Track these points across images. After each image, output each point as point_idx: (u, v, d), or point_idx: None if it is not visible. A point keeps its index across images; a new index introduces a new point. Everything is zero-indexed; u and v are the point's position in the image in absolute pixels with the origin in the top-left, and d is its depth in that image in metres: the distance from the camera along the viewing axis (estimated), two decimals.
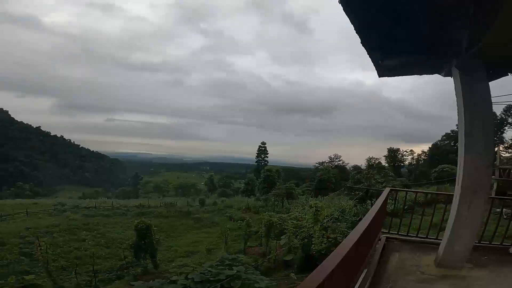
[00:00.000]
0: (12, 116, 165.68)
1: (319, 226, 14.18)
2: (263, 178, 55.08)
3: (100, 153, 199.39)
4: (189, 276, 8.64)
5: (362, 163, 66.28)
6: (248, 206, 39.46)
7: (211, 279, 8.48)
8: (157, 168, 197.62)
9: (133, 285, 8.69)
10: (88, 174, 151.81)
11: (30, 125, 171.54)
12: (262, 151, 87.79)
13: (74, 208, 36.66)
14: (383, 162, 61.94)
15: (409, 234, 5.99)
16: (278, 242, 16.64)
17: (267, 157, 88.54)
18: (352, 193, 38.56)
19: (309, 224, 15.16)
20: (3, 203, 42.90)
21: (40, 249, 12.96)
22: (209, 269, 9.31)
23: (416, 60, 4.11)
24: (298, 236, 15.19)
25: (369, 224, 3.66)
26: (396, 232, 6.11)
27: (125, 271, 15.63)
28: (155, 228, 27.76)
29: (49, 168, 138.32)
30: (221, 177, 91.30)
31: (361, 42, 3.20)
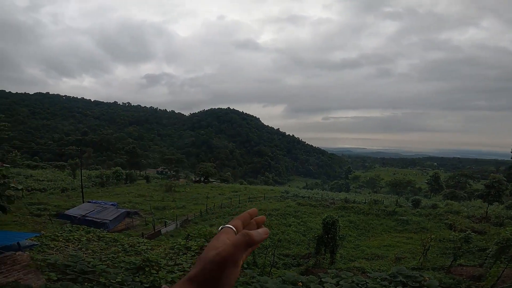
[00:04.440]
0: (262, 121, 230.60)
1: None
2: None
3: (320, 149, 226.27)
4: (340, 282, 7.82)
5: None
6: (487, 215, 28.50)
7: None
8: (372, 163, 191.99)
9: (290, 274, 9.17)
10: (311, 167, 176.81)
11: (273, 127, 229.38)
12: None
13: (293, 196, 43.69)
14: None
15: None
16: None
17: None
18: None
19: None
20: (255, 188, 60.08)
21: None
22: (368, 281, 7.87)
23: None
24: None
25: None
26: None
27: (304, 260, 16.84)
28: (350, 224, 27.70)
29: (285, 161, 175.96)
30: (452, 175, 72.58)
31: None
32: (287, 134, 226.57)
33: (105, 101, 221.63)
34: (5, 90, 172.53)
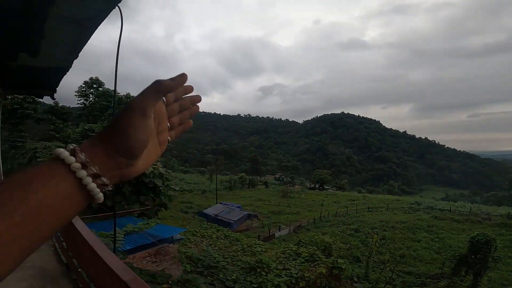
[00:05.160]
0: (383, 124, 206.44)
1: None
2: None
3: (467, 153, 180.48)
4: None
5: None
6: None
7: None
8: None
9: None
10: (454, 175, 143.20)
11: (398, 130, 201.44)
12: None
13: (427, 208, 37.45)
14: None
15: None
16: None
17: None
18: None
19: None
20: (375, 197, 54.61)
21: (372, 240, 15.68)
22: None
23: None
24: None
25: None
26: None
27: (432, 280, 13.97)
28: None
29: (416, 168, 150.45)
30: None
31: None
32: (417, 137, 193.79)
33: (230, 114, 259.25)
34: None
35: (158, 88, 0.43)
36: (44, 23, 2.99)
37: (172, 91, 0.46)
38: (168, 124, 0.50)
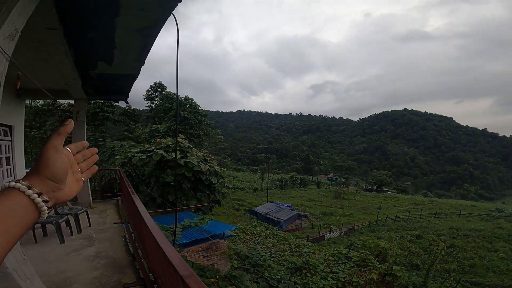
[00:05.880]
0: (456, 121, 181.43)
1: None
2: None
3: None
4: None
5: None
6: None
7: None
8: None
9: None
10: None
11: (476, 127, 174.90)
12: None
13: (510, 216, 32.78)
14: None
15: None
16: None
17: None
18: None
19: None
20: (445, 202, 48.82)
21: (437, 248, 14.11)
22: None
23: None
24: None
25: None
26: None
27: None
28: None
29: (499, 171, 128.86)
30: None
31: None
32: (500, 135, 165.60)
33: (282, 113, 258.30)
34: (219, 111, 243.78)
35: (58, 131, 0.60)
36: (114, 33, 3.47)
37: (67, 131, 0.62)
38: (79, 168, 0.69)
